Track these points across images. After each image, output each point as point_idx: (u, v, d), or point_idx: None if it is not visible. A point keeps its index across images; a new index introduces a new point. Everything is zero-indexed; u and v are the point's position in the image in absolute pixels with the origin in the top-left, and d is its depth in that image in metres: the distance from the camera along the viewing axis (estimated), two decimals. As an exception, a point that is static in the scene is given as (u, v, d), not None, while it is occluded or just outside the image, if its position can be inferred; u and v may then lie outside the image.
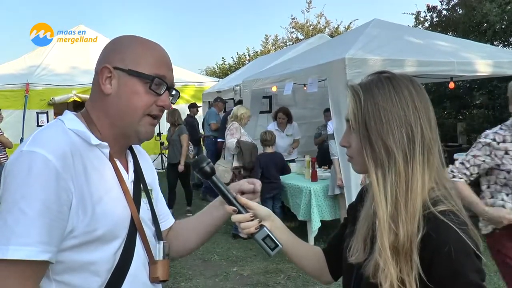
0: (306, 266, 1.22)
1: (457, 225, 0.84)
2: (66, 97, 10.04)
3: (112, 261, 0.99)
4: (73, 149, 0.96)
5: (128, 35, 1.11)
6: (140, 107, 1.04)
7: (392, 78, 0.94)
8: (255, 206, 1.13)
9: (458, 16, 10.49)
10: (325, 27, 18.51)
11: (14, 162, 0.92)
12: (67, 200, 0.92)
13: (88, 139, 1.01)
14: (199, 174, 1.10)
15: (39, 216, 0.87)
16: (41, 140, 0.95)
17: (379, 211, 0.89)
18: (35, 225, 0.87)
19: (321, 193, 5.02)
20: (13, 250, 0.85)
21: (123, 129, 1.06)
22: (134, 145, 1.18)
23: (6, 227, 0.86)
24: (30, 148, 0.91)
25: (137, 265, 1.04)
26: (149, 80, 1.03)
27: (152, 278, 1.08)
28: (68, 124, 1.02)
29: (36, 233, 0.87)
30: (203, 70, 23.61)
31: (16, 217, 0.87)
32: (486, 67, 5.17)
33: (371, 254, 0.93)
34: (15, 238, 0.86)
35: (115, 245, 1.00)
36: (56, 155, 0.91)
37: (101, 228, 0.96)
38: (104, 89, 1.03)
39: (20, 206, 0.87)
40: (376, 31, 5.39)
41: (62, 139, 0.96)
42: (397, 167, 0.89)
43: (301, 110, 8.00)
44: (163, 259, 1.10)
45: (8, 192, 0.89)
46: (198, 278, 4.33)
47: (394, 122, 0.89)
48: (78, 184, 0.94)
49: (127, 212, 1.04)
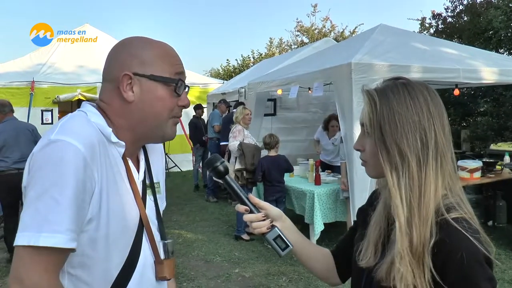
0: (314, 267, 1.23)
1: (470, 232, 0.85)
2: (71, 95, 10.06)
3: (120, 259, 1.01)
4: (99, 141, 0.97)
5: (138, 37, 1.09)
6: (166, 111, 1.04)
7: (407, 84, 0.95)
8: (267, 206, 1.14)
9: (463, 23, 10.49)
10: (331, 31, 18.53)
11: (43, 151, 0.91)
12: (91, 190, 0.93)
13: (108, 136, 1.01)
14: (212, 174, 1.10)
15: (69, 204, 0.88)
16: (70, 129, 0.94)
17: (399, 212, 0.89)
18: (66, 213, 0.88)
19: (324, 196, 5.02)
20: (45, 237, 0.86)
21: (146, 133, 1.06)
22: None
23: (39, 214, 0.87)
24: (59, 137, 0.91)
25: (143, 263, 1.06)
26: (173, 84, 1.04)
27: (159, 277, 1.09)
28: (91, 117, 1.02)
29: (66, 221, 0.88)
30: (208, 72, 23.69)
31: (48, 204, 0.87)
32: (492, 74, 5.17)
33: (383, 258, 0.93)
34: (47, 225, 0.86)
35: (125, 243, 1.02)
36: (85, 144, 0.92)
37: (111, 226, 0.98)
38: (127, 97, 1.02)
39: (52, 194, 0.87)
40: (382, 37, 5.40)
41: (90, 130, 0.97)
42: (410, 171, 0.90)
43: (304, 114, 8.03)
44: (168, 258, 1.12)
45: (37, 179, 0.89)
46: (200, 279, 4.34)
47: (408, 127, 0.90)
48: (101, 174, 0.95)
49: (136, 211, 1.05)
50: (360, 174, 4.32)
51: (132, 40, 1.08)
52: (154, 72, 1.02)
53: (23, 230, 0.87)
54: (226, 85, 10.36)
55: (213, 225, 6.28)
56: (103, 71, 1.08)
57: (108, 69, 1.06)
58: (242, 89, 7.64)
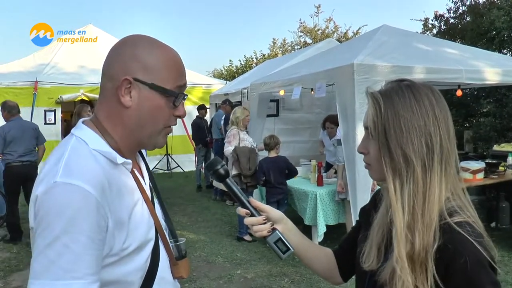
0: (317, 268, 1.23)
1: (473, 237, 0.84)
2: (74, 95, 10.09)
3: (144, 268, 1.01)
4: (106, 175, 0.93)
5: (144, 37, 1.04)
6: (162, 121, 1.03)
7: (412, 87, 0.94)
8: (268, 209, 1.14)
9: (466, 23, 10.46)
10: (334, 31, 18.52)
11: (50, 195, 0.86)
12: (104, 226, 0.90)
13: (114, 160, 0.98)
14: (213, 176, 1.11)
15: (85, 250, 0.85)
16: (75, 170, 0.89)
17: (397, 220, 0.89)
18: (82, 259, 0.84)
19: (326, 197, 5.02)
20: (62, 285, 0.82)
21: (141, 139, 1.05)
22: None
23: (50, 263, 0.83)
24: (65, 180, 0.86)
25: (162, 266, 1.07)
26: (173, 96, 1.01)
27: (176, 276, 1.12)
28: (92, 144, 0.98)
29: (83, 266, 0.84)
30: (211, 72, 23.72)
31: (59, 252, 0.83)
32: (495, 75, 5.15)
33: (386, 261, 0.93)
34: (62, 273, 0.82)
35: (146, 253, 1.02)
36: (94, 185, 0.88)
37: (135, 242, 0.97)
38: (124, 101, 0.99)
39: (63, 241, 0.83)
40: (385, 37, 5.39)
41: (95, 166, 0.93)
42: (415, 177, 0.89)
43: (307, 115, 8.02)
44: (183, 257, 1.14)
45: (44, 226, 0.85)
46: (202, 279, 4.34)
47: (414, 131, 0.89)
48: (113, 207, 0.92)
49: (151, 219, 1.06)
50: (362, 175, 4.31)
51: (138, 40, 1.02)
52: (156, 81, 0.99)
53: (36, 278, 0.83)
54: (228, 86, 10.36)
55: (215, 226, 6.28)
56: (103, 65, 1.03)
57: (109, 65, 1.02)
58: (245, 89, 7.63)
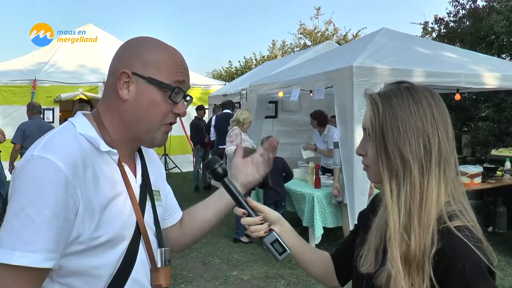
0: (313, 271, 1.22)
1: (472, 241, 0.83)
2: (73, 94, 10.07)
3: (115, 266, 0.99)
4: (83, 156, 0.96)
5: (149, 38, 1.08)
6: (158, 116, 1.03)
7: (411, 88, 0.94)
8: (266, 210, 1.13)
9: (465, 27, 10.49)
10: (333, 34, 18.54)
11: (25, 166, 0.91)
12: (74, 207, 0.91)
13: (98, 146, 1.00)
14: (211, 175, 1.10)
15: (46, 224, 0.87)
16: (52, 146, 0.94)
17: (390, 221, 0.88)
18: (42, 233, 0.87)
19: (324, 200, 5.01)
20: (18, 256, 0.85)
21: (138, 135, 1.06)
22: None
23: (13, 232, 0.86)
24: (41, 154, 0.91)
25: (138, 270, 1.04)
26: (169, 90, 1.02)
27: (155, 285, 1.07)
28: (80, 128, 1.01)
29: (42, 241, 0.87)
30: (210, 73, 23.73)
31: (23, 223, 0.86)
32: (494, 80, 5.16)
33: (383, 265, 0.92)
34: (21, 244, 0.85)
35: (120, 250, 1.00)
36: (66, 162, 0.91)
37: (107, 234, 0.96)
38: (122, 94, 1.02)
39: (28, 212, 0.86)
40: (384, 40, 5.39)
41: (73, 146, 0.96)
42: (412, 178, 0.88)
43: (306, 117, 7.98)
44: (165, 265, 1.10)
45: (16, 196, 0.89)
46: (198, 280, 4.32)
47: (411, 132, 0.89)
48: (86, 191, 0.94)
49: (133, 217, 1.04)
50: (359, 177, 4.30)
51: (142, 40, 1.07)
52: (153, 75, 1.01)
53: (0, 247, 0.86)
54: (227, 87, 10.37)
55: (212, 227, 6.26)
56: (110, 64, 1.08)
57: (113, 63, 1.06)
58: (244, 90, 7.63)
